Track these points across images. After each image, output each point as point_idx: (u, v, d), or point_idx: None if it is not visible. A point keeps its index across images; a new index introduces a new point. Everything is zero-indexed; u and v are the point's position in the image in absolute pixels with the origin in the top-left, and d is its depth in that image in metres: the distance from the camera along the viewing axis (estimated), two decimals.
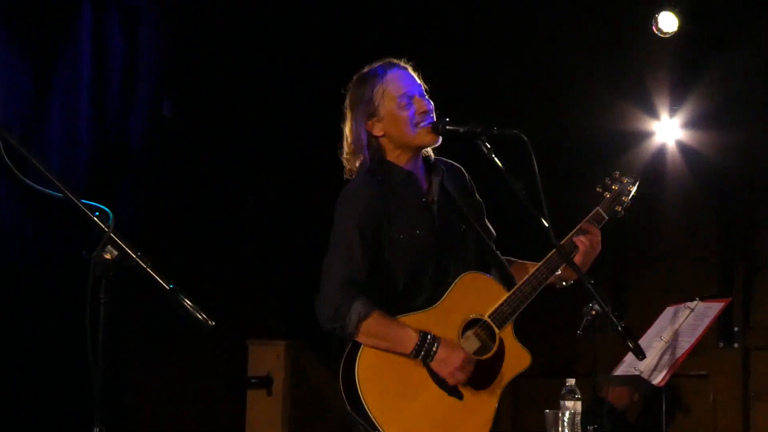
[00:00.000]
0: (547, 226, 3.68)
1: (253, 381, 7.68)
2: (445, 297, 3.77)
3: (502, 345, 3.79)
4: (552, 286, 3.93)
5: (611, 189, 4.05)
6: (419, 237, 3.81)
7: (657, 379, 4.73)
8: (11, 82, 6.70)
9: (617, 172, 4.10)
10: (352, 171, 3.91)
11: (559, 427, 3.74)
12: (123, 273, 2.76)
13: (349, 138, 3.90)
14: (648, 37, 7.39)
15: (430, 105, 3.88)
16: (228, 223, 7.96)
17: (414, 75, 3.92)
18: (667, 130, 7.81)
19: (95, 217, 2.75)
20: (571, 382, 3.79)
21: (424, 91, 3.91)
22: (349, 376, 3.66)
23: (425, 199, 3.89)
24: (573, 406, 3.75)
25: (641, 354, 3.69)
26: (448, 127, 3.80)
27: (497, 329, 3.79)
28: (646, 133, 7.84)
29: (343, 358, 3.70)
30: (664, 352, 4.74)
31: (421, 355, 3.67)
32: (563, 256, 3.77)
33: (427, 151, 3.96)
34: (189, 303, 2.74)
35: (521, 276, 3.89)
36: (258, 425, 7.68)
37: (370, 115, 3.86)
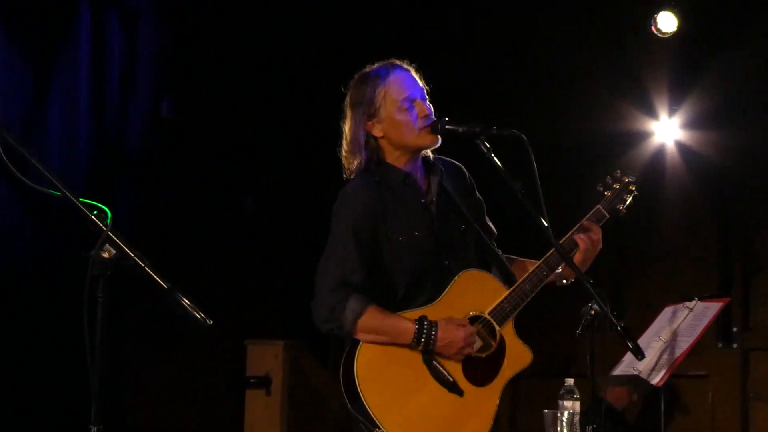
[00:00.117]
0: (546, 225, 3.68)
1: (251, 381, 7.68)
2: (444, 294, 3.77)
3: (502, 342, 3.80)
4: (552, 284, 3.94)
5: (612, 187, 4.06)
6: (418, 238, 3.80)
7: (656, 379, 4.73)
8: (11, 82, 6.70)
9: (618, 170, 4.11)
10: (350, 170, 3.90)
11: (558, 427, 3.74)
12: (121, 272, 2.76)
13: (348, 137, 3.90)
14: (647, 37, 7.39)
15: (431, 109, 3.87)
16: (227, 222, 7.96)
17: (416, 77, 3.91)
18: (666, 130, 7.81)
19: (93, 216, 2.75)
20: (569, 382, 3.79)
21: (425, 94, 3.90)
22: (348, 375, 3.65)
23: (424, 199, 3.89)
24: (571, 406, 3.75)
25: (640, 354, 3.68)
26: (448, 127, 3.80)
27: (497, 326, 3.79)
28: (645, 133, 7.84)
29: (344, 356, 3.70)
30: (662, 352, 4.74)
31: (421, 341, 3.67)
32: (563, 255, 3.77)
33: (426, 151, 3.96)
34: (187, 302, 2.74)
35: (521, 274, 3.89)
36: (257, 425, 7.67)
37: (371, 116, 3.85)
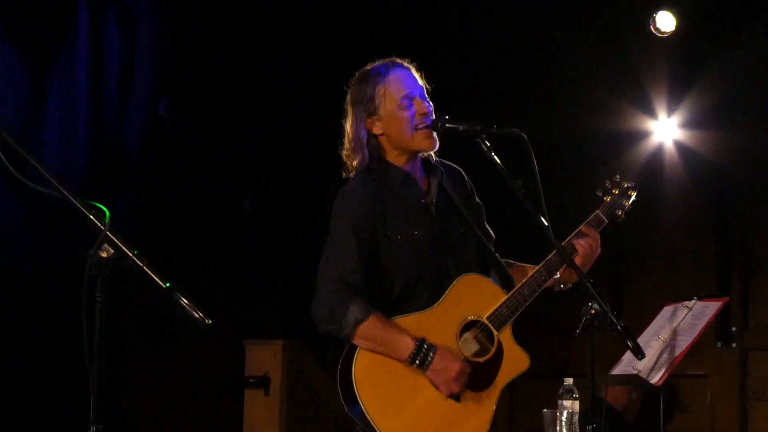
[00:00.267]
0: (546, 225, 3.68)
1: (250, 381, 7.68)
2: (443, 298, 3.76)
3: (500, 347, 3.78)
4: (550, 289, 3.93)
5: (612, 193, 4.06)
6: (417, 237, 3.80)
7: (655, 379, 4.73)
8: (9, 83, 6.70)
9: (617, 176, 4.11)
10: (351, 168, 3.90)
11: (557, 427, 3.73)
12: (120, 272, 2.75)
13: (349, 135, 3.90)
14: (646, 36, 7.39)
15: (430, 107, 3.87)
16: (225, 222, 7.96)
17: (416, 76, 3.91)
18: (664, 129, 7.81)
19: (92, 216, 2.75)
20: (568, 381, 3.78)
21: (425, 93, 3.90)
22: (346, 378, 3.65)
23: (424, 200, 3.88)
24: (571, 406, 3.74)
25: (640, 353, 3.68)
26: (448, 126, 3.80)
27: (495, 331, 3.78)
28: (644, 133, 7.83)
29: (341, 359, 3.68)
30: (662, 352, 4.73)
31: (416, 362, 3.66)
32: (562, 255, 3.77)
33: (426, 152, 3.95)
34: (186, 302, 2.73)
35: (520, 279, 3.88)
36: (255, 425, 7.67)
37: (371, 114, 3.86)
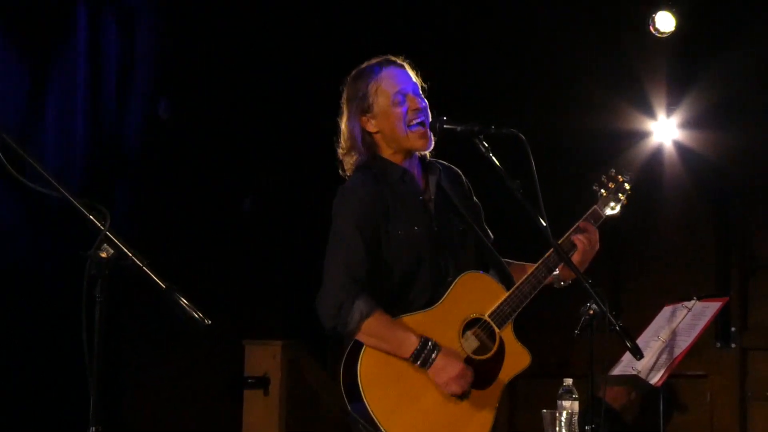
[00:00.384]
0: (544, 225, 3.68)
1: (249, 381, 7.67)
2: (445, 297, 3.76)
3: (502, 344, 3.79)
4: (549, 286, 3.94)
5: (608, 187, 4.07)
6: (417, 234, 3.80)
7: (655, 379, 4.73)
8: (8, 83, 6.70)
9: (613, 170, 4.12)
10: (348, 167, 3.90)
11: (557, 427, 3.73)
12: (119, 272, 2.75)
13: (344, 133, 3.91)
14: (645, 36, 7.39)
15: (424, 103, 3.88)
16: (225, 223, 7.95)
17: (410, 73, 3.92)
18: (664, 129, 7.81)
19: (91, 216, 2.75)
20: (568, 382, 3.79)
21: (419, 90, 3.91)
22: (351, 377, 3.64)
23: (422, 196, 3.89)
24: (570, 406, 3.75)
25: (639, 354, 3.69)
26: (446, 126, 3.80)
27: (497, 329, 3.78)
28: (644, 133, 7.83)
29: (344, 358, 3.68)
30: (661, 352, 4.74)
31: (419, 361, 3.66)
32: (561, 255, 3.78)
33: (421, 152, 3.96)
34: (185, 302, 2.73)
35: (519, 277, 3.89)
36: (255, 425, 7.66)
37: (364, 111, 3.86)
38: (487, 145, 3.75)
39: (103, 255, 2.72)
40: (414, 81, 3.91)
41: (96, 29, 7.27)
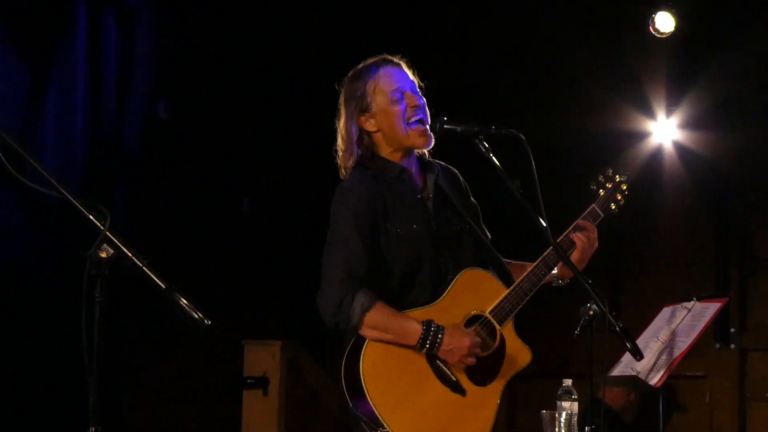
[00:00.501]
0: (544, 225, 3.69)
1: (249, 381, 7.67)
2: (446, 293, 3.77)
3: (503, 341, 3.81)
4: (548, 284, 3.95)
5: (605, 187, 4.10)
6: (416, 231, 3.80)
7: (654, 380, 4.73)
8: (8, 83, 6.70)
9: (610, 170, 4.13)
10: (346, 168, 3.90)
11: (556, 428, 3.73)
12: (119, 272, 2.75)
13: (342, 134, 3.91)
14: (645, 37, 7.39)
15: (422, 100, 3.88)
16: (224, 223, 7.95)
17: (408, 71, 3.93)
18: (663, 130, 7.81)
19: (91, 216, 2.75)
20: (567, 382, 3.78)
21: (417, 87, 3.91)
22: (353, 372, 3.64)
23: (420, 195, 3.89)
24: (570, 407, 3.74)
25: (639, 354, 3.69)
26: (446, 126, 3.80)
27: (498, 326, 3.79)
28: (643, 134, 7.84)
29: (346, 353, 3.68)
30: (661, 353, 4.73)
31: (426, 345, 3.66)
32: (560, 254, 3.78)
33: (421, 150, 3.96)
34: (185, 302, 2.73)
35: (519, 275, 3.90)
36: (254, 425, 7.66)
37: (363, 111, 3.86)
38: (487, 145, 3.75)
39: (103, 255, 2.71)
40: (411, 79, 3.91)
41: (96, 29, 7.27)
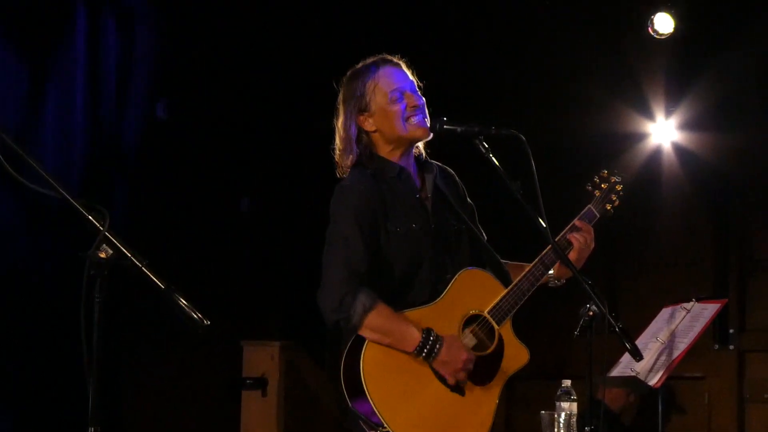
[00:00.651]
0: (544, 225, 3.69)
1: (247, 382, 7.67)
2: (445, 293, 3.78)
3: (501, 341, 3.82)
4: (545, 284, 3.96)
5: (601, 187, 4.12)
6: (415, 230, 3.81)
7: (653, 380, 4.73)
8: (7, 83, 6.69)
9: (605, 171, 4.14)
10: (343, 167, 3.90)
11: (555, 429, 3.73)
12: (118, 272, 2.75)
13: (341, 133, 3.91)
14: (644, 38, 7.39)
15: (421, 100, 3.89)
16: (223, 223, 7.95)
17: (407, 71, 3.93)
18: (663, 131, 7.81)
19: (90, 216, 2.74)
20: (566, 383, 3.79)
21: (416, 87, 3.91)
22: (353, 371, 3.64)
23: (419, 195, 3.89)
24: (569, 408, 3.75)
25: (638, 355, 3.70)
26: (446, 127, 3.81)
27: (496, 325, 3.79)
28: (642, 135, 7.83)
29: (345, 353, 3.68)
30: (660, 353, 4.74)
31: (423, 353, 3.67)
32: (560, 255, 3.79)
33: (419, 149, 3.97)
34: (184, 302, 2.73)
35: (516, 275, 3.91)
36: (253, 426, 7.66)
37: (362, 110, 3.87)
38: (487, 145, 3.76)
39: (102, 255, 2.71)
40: (411, 79, 3.92)
41: (95, 30, 7.26)
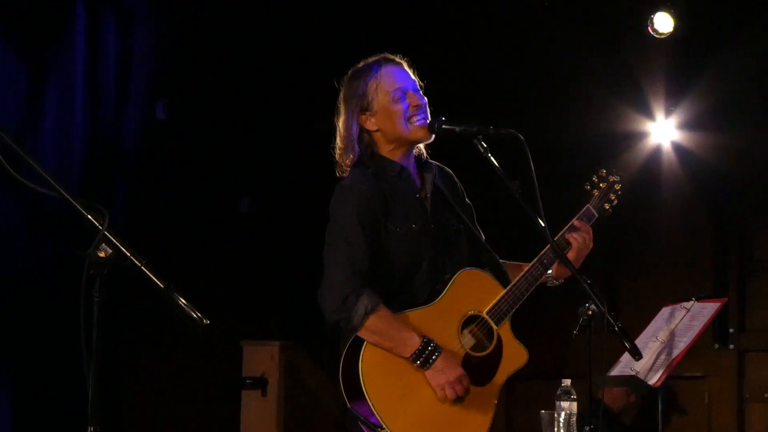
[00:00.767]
0: (543, 225, 3.69)
1: (247, 382, 7.67)
2: (444, 293, 3.77)
3: (499, 341, 3.81)
4: (543, 284, 3.95)
5: (599, 187, 4.10)
6: (414, 231, 3.80)
7: (653, 380, 4.73)
8: (6, 83, 6.69)
9: (604, 170, 4.13)
10: (343, 167, 3.90)
11: (555, 428, 3.73)
12: (117, 272, 2.74)
13: (341, 132, 3.90)
14: (643, 37, 7.39)
15: (423, 100, 3.88)
16: (223, 223, 7.95)
17: (408, 71, 3.92)
18: (662, 131, 7.81)
19: (90, 216, 2.74)
20: (566, 382, 3.78)
21: (418, 87, 3.91)
22: (351, 372, 3.64)
23: (418, 194, 3.89)
24: (568, 407, 3.74)
25: (638, 354, 3.69)
26: (445, 126, 3.80)
27: (495, 326, 3.79)
28: (642, 134, 7.84)
29: (344, 353, 3.67)
30: (660, 353, 4.74)
31: (419, 361, 3.67)
32: (560, 255, 3.78)
33: (419, 149, 3.96)
34: (184, 302, 2.73)
35: (515, 275, 3.90)
36: (252, 426, 7.66)
37: (363, 109, 3.86)
38: (485, 145, 3.75)
39: (102, 255, 2.71)
40: (413, 78, 3.91)
41: (95, 30, 7.26)
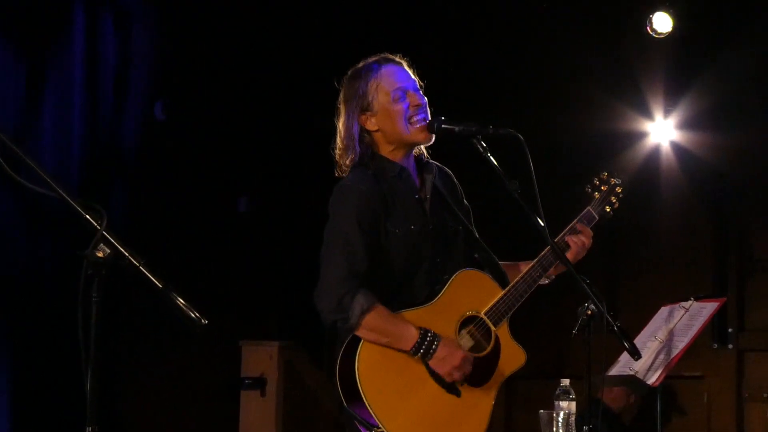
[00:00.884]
0: (542, 225, 3.69)
1: (246, 382, 7.66)
2: (442, 293, 3.77)
3: (498, 342, 3.80)
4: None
5: (600, 189, 4.10)
6: (413, 232, 3.80)
7: (652, 379, 4.73)
8: (5, 83, 6.70)
9: (605, 173, 4.13)
10: (343, 167, 3.89)
11: (554, 428, 3.73)
12: (116, 272, 2.74)
13: (342, 132, 3.89)
14: (642, 37, 7.39)
15: (424, 99, 3.88)
16: (221, 223, 7.95)
17: (409, 70, 3.92)
18: (661, 130, 7.81)
19: (88, 216, 2.74)
20: (565, 382, 3.78)
21: (418, 86, 3.90)
22: (348, 372, 3.63)
23: (418, 195, 3.89)
24: (567, 407, 3.74)
25: (637, 354, 3.69)
26: (444, 126, 3.79)
27: (493, 327, 3.79)
28: (641, 134, 7.83)
29: (341, 353, 3.67)
30: (658, 352, 4.74)
31: (420, 352, 3.66)
32: (560, 255, 3.78)
33: (420, 149, 3.96)
34: (182, 302, 2.72)
35: (513, 275, 3.90)
36: (251, 426, 7.66)
37: (364, 110, 3.85)
38: (485, 145, 3.75)
39: (100, 255, 2.70)
40: (413, 78, 3.91)
41: (93, 30, 7.27)
